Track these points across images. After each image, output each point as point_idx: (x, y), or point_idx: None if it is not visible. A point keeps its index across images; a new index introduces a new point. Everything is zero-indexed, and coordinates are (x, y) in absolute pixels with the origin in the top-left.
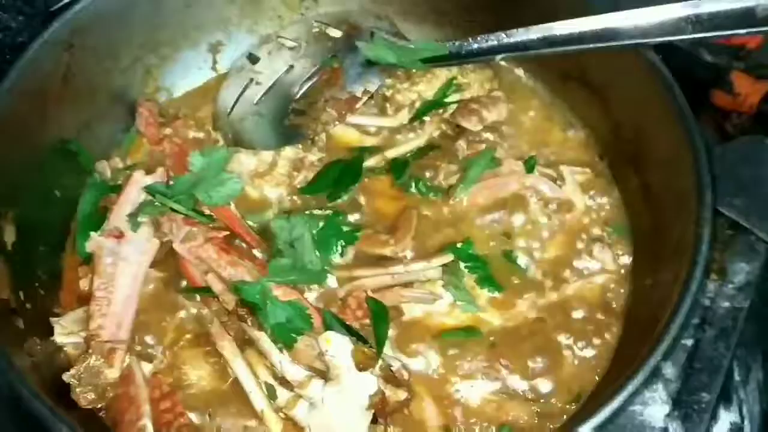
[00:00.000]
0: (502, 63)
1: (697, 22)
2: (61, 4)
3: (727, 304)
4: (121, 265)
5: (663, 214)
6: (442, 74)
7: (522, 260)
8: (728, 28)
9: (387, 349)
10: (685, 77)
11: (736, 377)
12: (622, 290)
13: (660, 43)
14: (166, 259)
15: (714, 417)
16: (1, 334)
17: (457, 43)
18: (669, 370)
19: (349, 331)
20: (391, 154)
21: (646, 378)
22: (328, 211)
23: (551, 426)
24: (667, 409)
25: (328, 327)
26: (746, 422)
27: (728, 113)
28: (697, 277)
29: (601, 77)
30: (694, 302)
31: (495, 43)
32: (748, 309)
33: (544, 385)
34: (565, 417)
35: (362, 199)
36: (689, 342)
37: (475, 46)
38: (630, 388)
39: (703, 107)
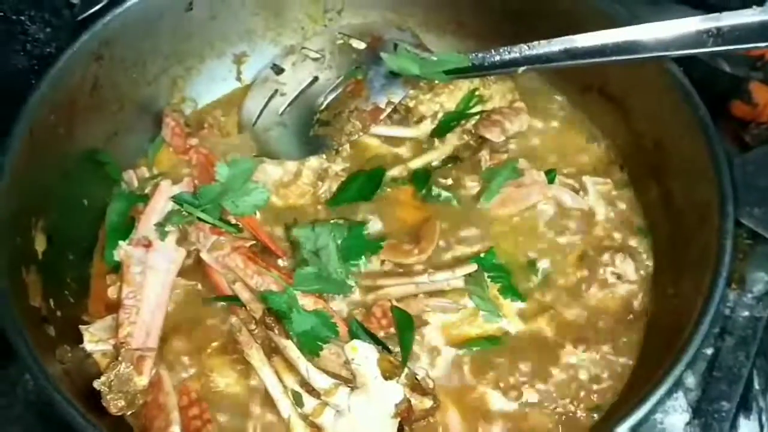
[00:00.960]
0: (524, 75)
1: (718, 35)
2: (87, 13)
3: (746, 313)
4: (149, 273)
5: (684, 224)
6: (464, 85)
7: (545, 271)
8: (749, 42)
9: (412, 358)
10: (703, 88)
11: (756, 386)
12: (644, 300)
13: (680, 56)
14: (194, 268)
15: (734, 426)
16: (33, 341)
17: (479, 55)
18: (689, 379)
19: (375, 340)
20: (414, 164)
21: (669, 389)
22: (352, 221)
23: None
24: (687, 417)
25: (354, 336)
26: (766, 430)
27: (747, 123)
28: (719, 288)
29: (621, 88)
30: (717, 311)
31: (517, 55)
32: (767, 318)
33: (566, 395)
34: (588, 427)
35: (386, 209)
36: (709, 351)
37: (497, 58)
38: (653, 399)
39: (722, 117)
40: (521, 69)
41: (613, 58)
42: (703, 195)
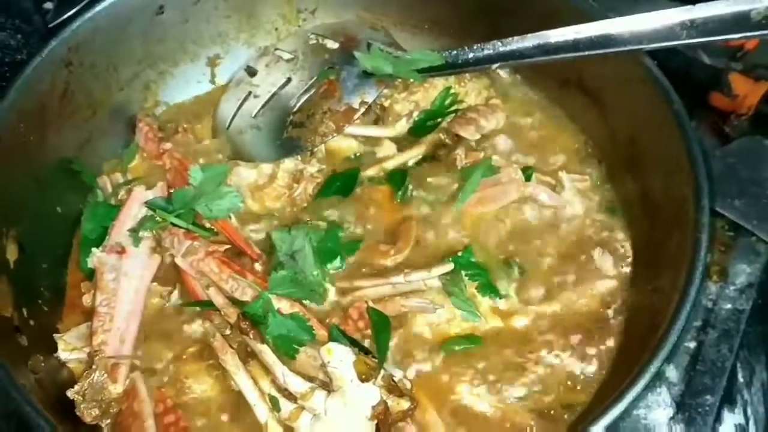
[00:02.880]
0: (499, 71)
1: (692, 27)
2: (59, 20)
3: (729, 305)
4: (123, 280)
5: (662, 219)
6: (439, 83)
7: (522, 268)
8: (723, 33)
9: (389, 359)
10: (683, 79)
11: (740, 379)
12: (622, 296)
13: (654, 49)
14: (169, 273)
15: (718, 419)
16: (4, 351)
17: (453, 53)
18: (672, 373)
19: (353, 342)
20: (390, 164)
21: (647, 384)
22: (329, 223)
23: (557, 429)
24: (671, 412)
25: (333, 340)
26: (751, 423)
27: (727, 115)
28: (696, 283)
29: (597, 83)
30: (695, 306)
31: (491, 51)
32: (750, 310)
33: (545, 392)
34: (567, 425)
35: (362, 210)
36: (692, 344)
37: (471, 55)
38: (630, 395)
39: (702, 109)
40: (495, 66)
41: (587, 52)
42: (679, 189)
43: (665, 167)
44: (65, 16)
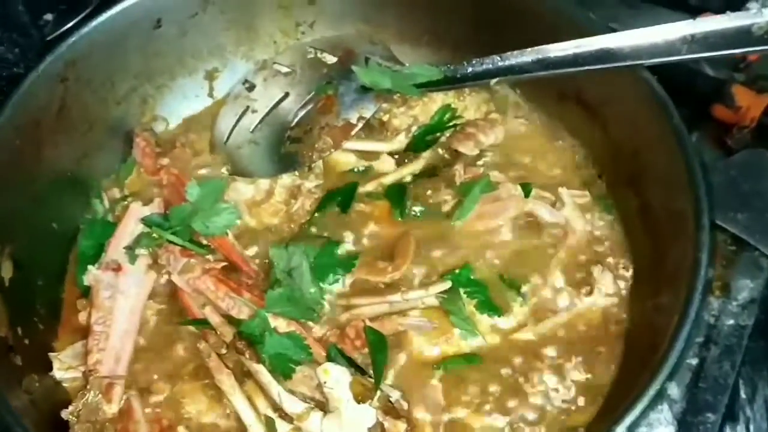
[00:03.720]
0: (499, 86)
1: (693, 42)
2: (57, 33)
3: (731, 321)
4: (119, 298)
5: (662, 235)
6: (439, 98)
7: (521, 285)
8: (724, 48)
9: (386, 379)
10: (685, 91)
11: (743, 395)
12: (623, 313)
13: (653, 64)
14: (165, 291)
15: None
16: None
17: (452, 67)
18: (674, 390)
19: (350, 363)
20: (388, 179)
21: (648, 405)
22: (326, 239)
23: None
24: (672, 430)
25: (331, 360)
26: None
27: (730, 127)
28: (695, 304)
29: (597, 97)
30: (697, 322)
31: (490, 66)
32: (753, 326)
33: (545, 413)
34: None
35: (360, 226)
36: (694, 361)
37: (470, 69)
38: (631, 416)
39: (704, 121)
40: (494, 80)
41: (587, 67)
42: (679, 205)
43: (665, 183)
44: (64, 29)
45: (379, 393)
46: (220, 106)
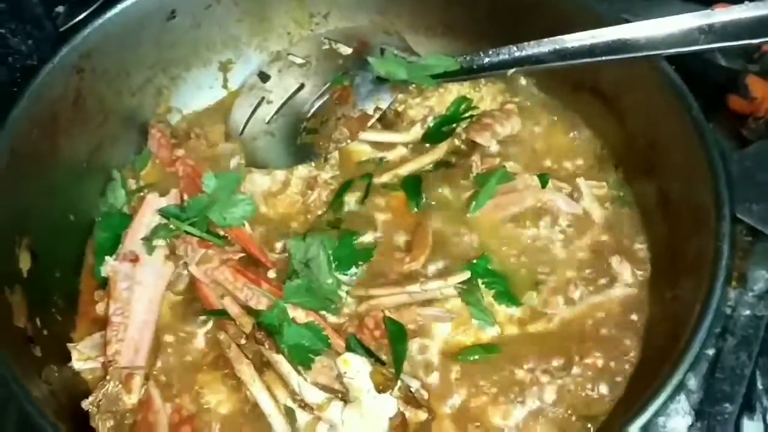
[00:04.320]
0: (514, 76)
1: (710, 32)
2: (70, 24)
3: (748, 312)
4: (137, 289)
5: (681, 226)
6: (454, 88)
7: (539, 275)
8: (741, 38)
9: (406, 369)
10: (699, 82)
11: (759, 386)
12: (642, 304)
13: (671, 54)
14: (183, 281)
15: (737, 427)
16: (18, 364)
17: (468, 58)
18: (691, 381)
19: (369, 353)
20: (404, 170)
21: (670, 395)
22: (343, 230)
23: None
24: (690, 420)
25: (350, 350)
26: None
27: (745, 118)
28: (717, 293)
29: (613, 88)
30: (717, 313)
31: (506, 56)
32: None
33: (565, 403)
34: None
35: (377, 217)
36: (711, 351)
37: (486, 60)
38: (653, 407)
39: (719, 112)
40: (511, 71)
41: (604, 57)
42: (699, 196)
43: (684, 174)
44: (76, 20)
45: (399, 383)
46: (235, 98)
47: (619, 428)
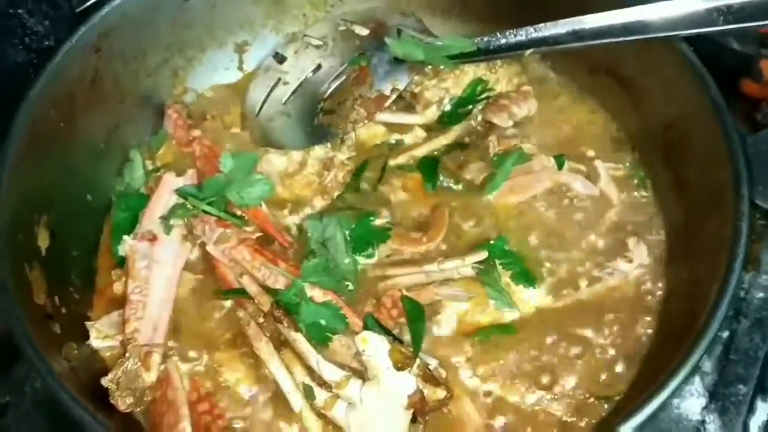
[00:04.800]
0: (530, 58)
1: (728, 13)
2: (86, 5)
3: (761, 294)
4: (155, 268)
5: (698, 207)
6: (470, 70)
7: (556, 256)
8: (759, 19)
9: (424, 349)
10: (713, 66)
11: None
12: (657, 285)
13: (689, 35)
14: (200, 261)
15: (751, 409)
16: (38, 339)
17: (485, 39)
18: (705, 363)
19: (387, 332)
20: (421, 152)
21: (687, 376)
22: (360, 211)
23: (592, 421)
24: (704, 401)
25: (368, 329)
26: None
27: (758, 102)
28: (736, 272)
29: (631, 70)
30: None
31: (523, 38)
32: None
33: (581, 383)
34: (603, 414)
35: (393, 197)
36: (724, 334)
37: (503, 41)
38: (671, 386)
39: (733, 96)
40: (528, 52)
41: (621, 38)
42: (716, 176)
43: (702, 154)
44: (92, 1)
45: (418, 361)
46: (250, 80)
47: (635, 408)
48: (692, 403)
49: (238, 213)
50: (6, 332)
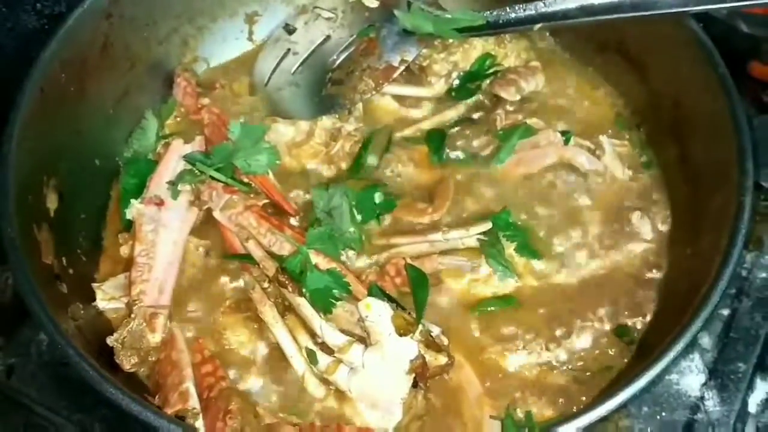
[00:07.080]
0: (539, 34)
1: None
2: None
3: (764, 274)
4: (161, 231)
5: (703, 183)
6: (479, 44)
7: (560, 229)
8: None
9: (426, 317)
10: (721, 48)
11: None
12: (661, 260)
13: (699, 12)
14: (206, 226)
15: (750, 387)
16: (45, 297)
17: (494, 13)
18: (705, 340)
19: (391, 300)
20: (428, 124)
21: (686, 346)
22: (366, 180)
23: (590, 393)
24: (703, 378)
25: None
26: None
27: (766, 84)
28: (738, 246)
29: (638, 46)
30: (735, 270)
31: (533, 12)
32: None
33: (581, 354)
34: (601, 386)
35: (400, 168)
36: (726, 312)
37: (513, 15)
38: (669, 357)
39: (740, 78)
40: (537, 26)
41: (631, 14)
42: (721, 153)
43: (707, 131)
44: None
45: (420, 327)
46: (260, 51)
47: (632, 379)
48: (692, 379)
49: (245, 180)
50: (11, 296)
